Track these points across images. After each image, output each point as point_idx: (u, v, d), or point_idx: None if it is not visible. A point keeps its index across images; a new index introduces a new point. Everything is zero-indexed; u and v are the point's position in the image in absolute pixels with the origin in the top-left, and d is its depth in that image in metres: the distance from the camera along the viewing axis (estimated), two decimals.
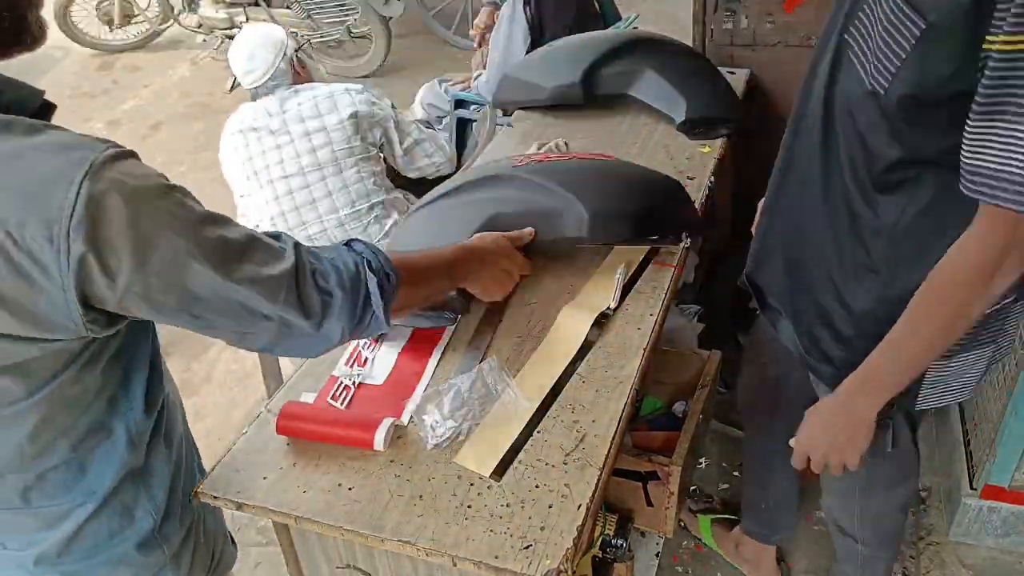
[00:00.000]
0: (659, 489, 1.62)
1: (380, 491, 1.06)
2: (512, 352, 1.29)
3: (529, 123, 2.05)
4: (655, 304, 1.37)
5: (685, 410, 1.83)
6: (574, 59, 2.03)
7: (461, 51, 5.31)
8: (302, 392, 1.24)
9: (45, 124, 0.80)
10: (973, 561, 1.96)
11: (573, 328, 1.31)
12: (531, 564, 0.95)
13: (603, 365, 1.25)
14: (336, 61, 5.24)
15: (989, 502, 1.90)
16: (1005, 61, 0.84)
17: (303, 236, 2.22)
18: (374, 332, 1.01)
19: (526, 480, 1.06)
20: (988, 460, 1.85)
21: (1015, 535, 1.94)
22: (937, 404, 1.25)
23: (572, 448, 1.10)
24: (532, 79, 2.08)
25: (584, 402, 1.18)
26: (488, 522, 1.01)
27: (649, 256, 1.47)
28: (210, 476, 1.10)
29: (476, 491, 1.05)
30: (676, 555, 2.03)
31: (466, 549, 0.98)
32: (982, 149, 0.89)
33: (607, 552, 1.66)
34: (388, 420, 1.12)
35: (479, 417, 1.14)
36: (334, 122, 2.20)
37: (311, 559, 1.21)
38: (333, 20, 5.10)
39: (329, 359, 1.29)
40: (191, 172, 4.11)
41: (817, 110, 1.16)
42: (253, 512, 1.08)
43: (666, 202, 1.50)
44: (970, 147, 0.91)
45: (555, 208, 1.40)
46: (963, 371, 1.22)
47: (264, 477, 1.09)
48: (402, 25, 5.66)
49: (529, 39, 2.78)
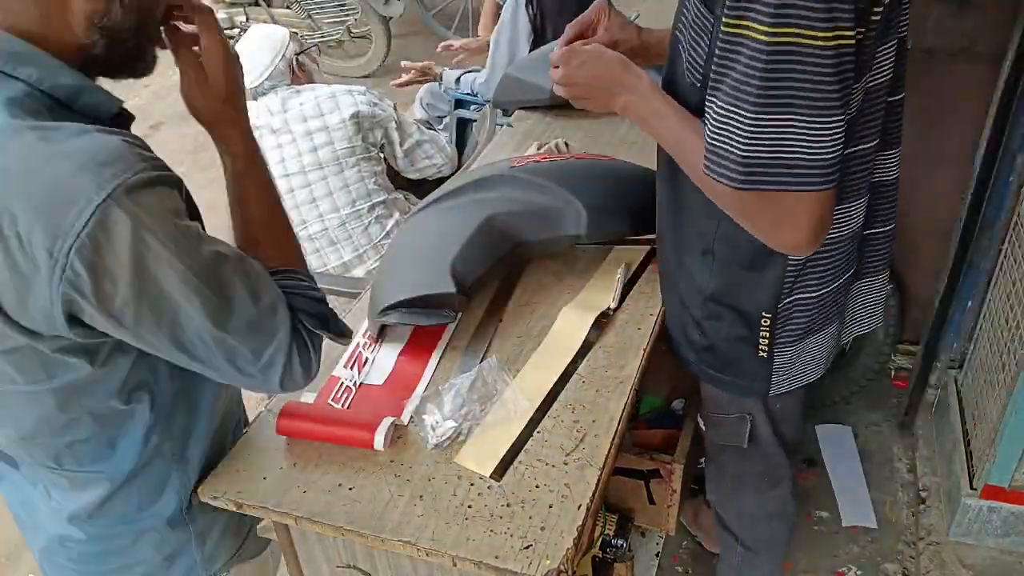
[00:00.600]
0: (661, 487, 1.62)
1: (380, 491, 1.06)
2: (512, 352, 1.29)
3: (529, 123, 2.05)
4: (655, 304, 1.37)
5: (684, 407, 1.83)
6: None
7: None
8: (302, 392, 1.24)
9: (99, 129, 0.80)
10: (973, 561, 1.96)
11: (573, 328, 1.31)
12: (531, 564, 0.95)
13: (603, 365, 1.25)
14: (336, 61, 5.24)
15: (989, 502, 1.90)
16: (722, 42, 0.87)
17: (304, 235, 2.22)
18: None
19: (526, 480, 1.06)
20: (988, 460, 1.85)
21: (1015, 535, 1.94)
22: (790, 388, 1.26)
23: (572, 448, 1.10)
24: (532, 79, 2.08)
25: (584, 402, 1.18)
26: (488, 522, 1.01)
27: (649, 256, 1.48)
28: (210, 476, 1.10)
29: (476, 491, 1.05)
30: (676, 555, 2.04)
31: (466, 549, 0.97)
32: (707, 127, 0.93)
33: (607, 552, 1.66)
34: (388, 420, 1.12)
35: (479, 417, 1.14)
36: (336, 121, 2.20)
37: (311, 559, 1.21)
38: (333, 20, 5.10)
39: (329, 359, 1.29)
40: (191, 172, 4.11)
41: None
42: (253, 512, 1.08)
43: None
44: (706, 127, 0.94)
45: (553, 206, 1.40)
46: (812, 353, 1.24)
47: (264, 477, 1.09)
48: (402, 25, 5.66)
49: (532, 38, 2.77)
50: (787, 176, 0.89)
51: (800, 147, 0.87)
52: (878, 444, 2.32)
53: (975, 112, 1.94)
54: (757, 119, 0.86)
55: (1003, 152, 1.90)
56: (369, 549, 1.13)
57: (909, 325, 2.41)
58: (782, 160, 0.88)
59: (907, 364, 2.45)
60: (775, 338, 1.19)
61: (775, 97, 0.85)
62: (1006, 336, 1.85)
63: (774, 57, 0.83)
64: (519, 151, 1.87)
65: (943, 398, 2.24)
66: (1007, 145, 1.90)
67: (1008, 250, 1.96)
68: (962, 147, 2.01)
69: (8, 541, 2.28)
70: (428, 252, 1.37)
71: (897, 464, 2.26)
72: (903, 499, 2.16)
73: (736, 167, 0.90)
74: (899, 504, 2.14)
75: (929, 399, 2.32)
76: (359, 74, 5.16)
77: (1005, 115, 1.84)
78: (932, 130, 2.06)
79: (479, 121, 2.77)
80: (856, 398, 2.38)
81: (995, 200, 1.98)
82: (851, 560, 2.01)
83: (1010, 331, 1.83)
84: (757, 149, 0.88)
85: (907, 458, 2.27)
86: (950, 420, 2.13)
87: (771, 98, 0.85)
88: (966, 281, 2.10)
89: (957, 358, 2.26)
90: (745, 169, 0.89)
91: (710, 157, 0.93)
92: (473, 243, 1.35)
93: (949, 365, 2.27)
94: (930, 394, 2.32)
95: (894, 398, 2.44)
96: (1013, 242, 1.92)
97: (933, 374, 2.26)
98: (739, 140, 0.88)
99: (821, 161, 0.87)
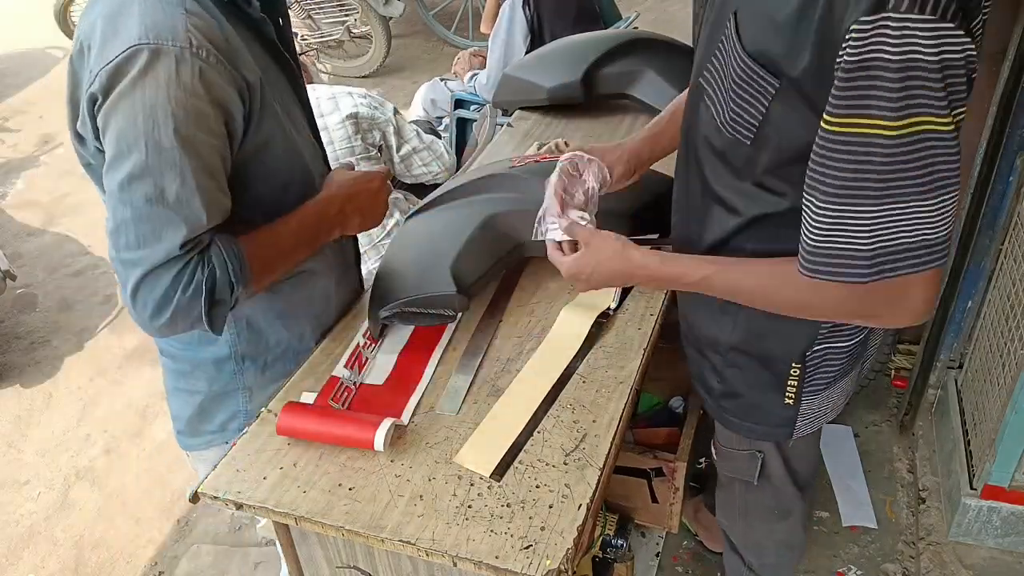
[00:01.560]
0: (664, 485, 1.62)
1: (380, 491, 1.06)
2: (512, 352, 1.29)
3: (529, 123, 2.05)
4: (655, 304, 1.37)
5: (683, 406, 1.83)
6: (574, 59, 2.03)
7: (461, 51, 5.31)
8: (302, 392, 1.24)
9: (188, 8, 0.95)
10: (973, 561, 1.96)
11: (573, 328, 1.31)
12: (531, 564, 0.95)
13: (603, 365, 1.25)
14: (336, 61, 5.24)
15: (989, 502, 1.90)
16: (828, 140, 0.82)
17: None
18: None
19: (526, 480, 1.06)
20: (988, 460, 1.85)
21: (1015, 535, 1.94)
22: (810, 431, 1.26)
23: (572, 448, 1.10)
24: (532, 79, 2.08)
25: (584, 402, 1.18)
26: (488, 522, 1.01)
27: None
28: (210, 476, 1.10)
29: (476, 491, 1.05)
30: (676, 555, 2.03)
31: (466, 549, 0.97)
32: (809, 229, 0.88)
33: (607, 552, 1.67)
34: (388, 420, 1.12)
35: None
36: (335, 121, 2.20)
37: (311, 559, 1.21)
38: (333, 20, 5.10)
39: (330, 359, 1.29)
40: None
41: (682, 148, 1.15)
42: (253, 512, 1.08)
43: (665, 201, 1.50)
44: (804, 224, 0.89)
45: None
46: (837, 397, 1.23)
47: (264, 477, 1.09)
48: (402, 25, 5.67)
49: (529, 39, 2.78)
50: (915, 259, 0.85)
51: (925, 228, 0.83)
52: (878, 444, 2.32)
53: (975, 112, 1.94)
54: (882, 212, 0.82)
55: (1003, 152, 1.90)
56: (369, 549, 1.13)
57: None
58: (908, 244, 0.84)
59: (907, 364, 2.45)
60: (804, 386, 1.17)
61: (901, 187, 0.81)
62: (1006, 336, 1.85)
63: (902, 149, 0.79)
64: (519, 151, 1.87)
65: (943, 398, 2.24)
66: (1007, 145, 1.89)
67: (1008, 250, 1.96)
68: (962, 147, 2.00)
69: (8, 541, 2.28)
70: (428, 252, 1.37)
71: (897, 464, 2.26)
72: (903, 499, 2.15)
73: (862, 262, 0.85)
74: (899, 504, 2.14)
75: (929, 399, 2.32)
76: (359, 74, 5.16)
77: (1005, 115, 1.84)
78: None
79: (479, 121, 2.78)
80: (856, 398, 2.38)
81: (995, 200, 1.98)
82: (851, 560, 2.01)
83: (1010, 331, 1.83)
84: (882, 240, 0.84)
85: (907, 458, 2.27)
86: (950, 420, 2.13)
87: (897, 189, 0.81)
88: (966, 281, 2.10)
89: (957, 358, 2.26)
90: (871, 263, 0.85)
91: (821, 260, 0.88)
92: (473, 243, 1.35)
93: (949, 365, 2.27)
94: (930, 394, 2.32)
95: (894, 398, 2.44)
96: (1013, 242, 1.92)
97: (933, 374, 2.26)
98: (861, 236, 0.84)
99: (944, 236, 0.84)
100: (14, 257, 3.54)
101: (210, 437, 1.29)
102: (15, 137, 4.74)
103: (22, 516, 2.36)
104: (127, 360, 2.95)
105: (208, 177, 0.97)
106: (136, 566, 2.18)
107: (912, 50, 0.74)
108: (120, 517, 2.33)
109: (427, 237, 1.42)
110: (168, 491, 2.40)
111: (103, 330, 3.12)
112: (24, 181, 4.28)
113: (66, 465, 2.52)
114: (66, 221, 3.87)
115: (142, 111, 0.92)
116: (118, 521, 2.32)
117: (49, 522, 2.33)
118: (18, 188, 4.22)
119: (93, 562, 2.20)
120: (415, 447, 1.13)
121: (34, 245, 3.70)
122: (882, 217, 0.83)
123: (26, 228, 3.84)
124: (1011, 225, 1.96)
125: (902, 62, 0.74)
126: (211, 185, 0.98)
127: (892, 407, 2.42)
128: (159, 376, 0.99)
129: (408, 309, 1.28)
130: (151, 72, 0.92)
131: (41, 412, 2.75)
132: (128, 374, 2.87)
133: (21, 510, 2.38)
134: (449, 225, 1.41)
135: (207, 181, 0.97)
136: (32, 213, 3.96)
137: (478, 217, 1.40)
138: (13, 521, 2.35)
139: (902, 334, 2.43)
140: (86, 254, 3.60)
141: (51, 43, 5.76)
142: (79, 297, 3.32)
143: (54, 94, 5.19)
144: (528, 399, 1.19)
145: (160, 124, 0.92)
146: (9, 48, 5.83)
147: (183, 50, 0.93)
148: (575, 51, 2.07)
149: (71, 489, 2.44)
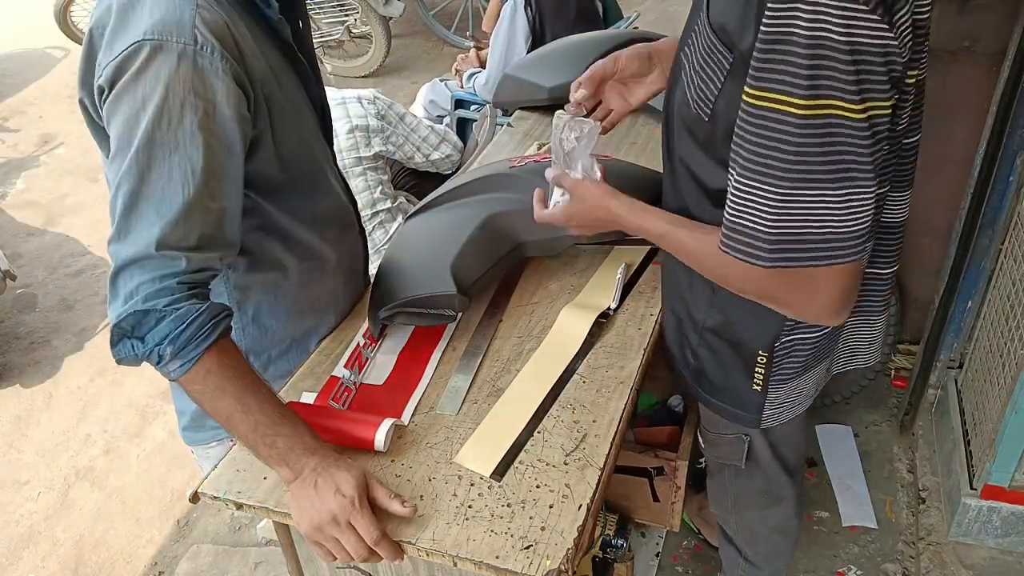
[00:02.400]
0: (665, 484, 1.62)
1: None
2: (512, 352, 1.29)
3: (529, 123, 2.05)
4: (655, 304, 1.37)
5: (682, 404, 1.83)
6: (574, 59, 2.03)
7: (461, 51, 5.31)
8: (302, 392, 1.24)
9: (202, 4, 0.95)
10: (973, 561, 1.96)
11: (573, 328, 1.31)
12: (531, 564, 0.95)
13: (603, 365, 1.25)
14: (336, 61, 5.24)
15: (989, 502, 1.90)
16: (746, 113, 0.82)
17: None
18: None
19: (526, 480, 1.06)
20: (988, 460, 1.85)
21: (1015, 535, 1.94)
22: (780, 422, 1.25)
23: (572, 448, 1.10)
24: (532, 79, 2.08)
25: (584, 402, 1.18)
26: (489, 522, 1.01)
27: (649, 256, 1.48)
28: (210, 476, 1.10)
29: (476, 491, 1.05)
30: (676, 555, 2.04)
31: (466, 549, 0.97)
32: (727, 202, 0.88)
33: (607, 552, 1.67)
34: (388, 420, 1.11)
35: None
36: (343, 131, 2.20)
37: (311, 559, 1.21)
38: (333, 20, 5.10)
39: (330, 359, 1.29)
40: None
41: (663, 119, 1.15)
42: (253, 512, 1.08)
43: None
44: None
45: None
46: (803, 389, 1.22)
47: (264, 477, 1.09)
48: (402, 25, 5.67)
49: (530, 39, 2.78)
50: (818, 252, 0.83)
51: (832, 221, 0.82)
52: (878, 444, 2.32)
53: (975, 112, 1.94)
54: (788, 195, 0.81)
55: (1003, 152, 1.90)
56: None
57: (909, 325, 2.41)
58: (812, 235, 0.82)
59: (907, 364, 2.45)
60: (771, 375, 1.17)
61: (808, 172, 0.80)
62: (1006, 336, 1.85)
63: (811, 131, 0.78)
64: (519, 151, 1.88)
65: (943, 398, 2.24)
66: (1007, 145, 1.89)
67: (1008, 250, 1.96)
68: (962, 147, 2.01)
69: (8, 541, 2.28)
70: (428, 252, 1.37)
71: (897, 464, 2.26)
72: (903, 499, 2.16)
73: (763, 245, 0.84)
74: (899, 504, 2.14)
75: (929, 399, 2.32)
76: (359, 74, 5.16)
77: (1005, 115, 1.84)
78: (932, 130, 2.06)
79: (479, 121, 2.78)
80: (856, 398, 2.38)
81: (995, 200, 1.98)
82: (851, 560, 2.01)
83: (1010, 331, 1.83)
84: (786, 225, 0.83)
85: (907, 458, 2.27)
86: (950, 420, 2.13)
87: (804, 173, 0.80)
88: (966, 281, 2.10)
89: (957, 358, 2.26)
90: (773, 247, 0.84)
91: (732, 236, 0.87)
92: (473, 243, 1.35)
93: (949, 365, 2.27)
94: (930, 394, 2.32)
95: (894, 398, 2.44)
96: (1013, 242, 1.92)
97: (933, 374, 2.26)
98: (766, 217, 0.83)
99: (853, 233, 0.82)
100: (14, 257, 3.54)
101: (215, 431, 1.29)
102: (15, 137, 4.74)
103: (22, 516, 2.36)
104: None
105: (199, 178, 0.95)
106: (136, 566, 2.18)
107: (822, 28, 0.74)
108: (120, 517, 2.33)
109: (427, 237, 1.42)
110: (168, 491, 2.40)
111: (103, 330, 3.12)
112: (24, 181, 4.28)
113: (66, 465, 2.53)
114: (66, 221, 3.87)
115: (140, 107, 0.92)
116: (118, 521, 2.32)
117: (49, 522, 2.33)
118: (18, 188, 4.22)
119: (93, 562, 2.20)
120: (415, 447, 1.13)
121: (34, 245, 3.70)
122: (789, 202, 0.82)
123: (26, 228, 3.84)
124: (1011, 225, 1.96)
125: (812, 39, 0.75)
126: (200, 188, 0.95)
127: (892, 407, 2.42)
128: (159, 376, 0.97)
129: (408, 309, 1.28)
130: (151, 68, 0.92)
131: (41, 412, 2.75)
132: (128, 374, 2.87)
133: (21, 510, 2.38)
134: (449, 225, 1.41)
135: (196, 182, 0.95)
136: (32, 213, 3.96)
137: (478, 217, 1.40)
138: (13, 521, 2.35)
139: (902, 334, 2.43)
140: (86, 254, 3.60)
141: (51, 43, 5.77)
142: (79, 297, 3.32)
143: (54, 94, 5.19)
144: (528, 399, 1.19)
145: (155, 120, 0.92)
146: (9, 48, 5.83)
147: (186, 47, 0.92)
148: (575, 51, 2.06)
149: (71, 489, 2.44)
